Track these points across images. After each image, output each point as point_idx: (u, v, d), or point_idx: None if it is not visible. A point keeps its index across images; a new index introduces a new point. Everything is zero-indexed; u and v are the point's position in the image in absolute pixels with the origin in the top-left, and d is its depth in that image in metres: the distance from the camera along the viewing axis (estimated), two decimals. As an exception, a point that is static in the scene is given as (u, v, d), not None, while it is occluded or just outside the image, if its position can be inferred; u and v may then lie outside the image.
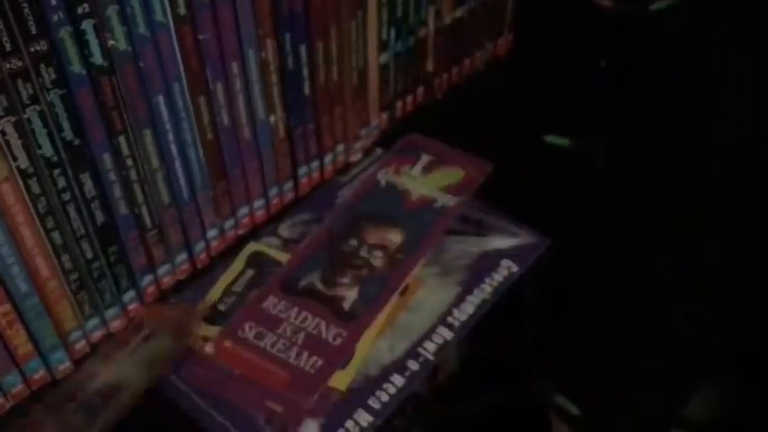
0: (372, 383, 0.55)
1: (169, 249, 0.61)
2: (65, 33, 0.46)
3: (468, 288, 0.61)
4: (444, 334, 0.58)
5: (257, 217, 0.67)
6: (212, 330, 0.58)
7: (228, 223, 0.65)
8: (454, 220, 0.65)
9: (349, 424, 0.53)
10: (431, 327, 0.58)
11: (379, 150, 0.74)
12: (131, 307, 0.60)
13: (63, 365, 0.57)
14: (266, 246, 0.64)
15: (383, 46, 0.70)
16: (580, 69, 0.78)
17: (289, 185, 0.68)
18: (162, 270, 0.61)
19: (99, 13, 0.48)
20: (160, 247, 0.60)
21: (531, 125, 0.77)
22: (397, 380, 0.55)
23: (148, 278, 0.60)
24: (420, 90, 0.77)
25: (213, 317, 0.59)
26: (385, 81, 0.72)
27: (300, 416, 0.53)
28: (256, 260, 0.62)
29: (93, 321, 0.58)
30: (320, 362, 0.55)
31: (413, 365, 0.56)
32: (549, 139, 0.73)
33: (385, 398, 0.54)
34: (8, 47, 0.44)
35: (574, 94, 0.76)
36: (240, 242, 0.65)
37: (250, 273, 0.61)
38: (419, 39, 0.73)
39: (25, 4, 0.44)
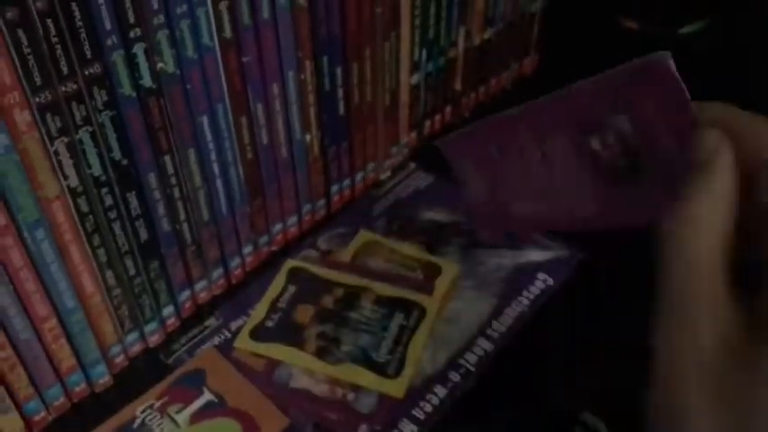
0: (415, 394, 0.56)
1: (206, 265, 0.62)
2: (117, 57, 0.48)
3: (505, 300, 0.62)
4: (484, 345, 0.59)
5: (290, 233, 0.68)
6: (261, 347, 0.59)
7: (263, 239, 0.66)
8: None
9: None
10: (470, 338, 0.60)
11: (412, 165, 0.75)
12: (169, 322, 0.61)
13: (103, 379, 0.58)
14: (304, 261, 0.65)
15: (415, 67, 0.71)
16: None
17: (321, 203, 0.69)
18: (199, 285, 0.62)
19: (150, 37, 0.49)
20: (198, 263, 0.61)
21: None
22: (440, 391, 0.57)
23: (186, 293, 0.61)
24: (448, 109, 0.79)
25: (262, 334, 0.60)
26: (415, 100, 0.73)
27: (357, 423, 0.54)
28: (296, 276, 0.63)
29: (133, 336, 0.59)
30: None
31: (454, 376, 0.57)
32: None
33: (428, 408, 0.56)
34: (65, 70, 0.45)
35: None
36: (273, 258, 0.67)
37: (292, 289, 0.62)
38: (449, 59, 0.74)
39: (82, 29, 0.45)
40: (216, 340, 0.60)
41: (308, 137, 0.64)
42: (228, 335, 0.61)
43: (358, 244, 0.67)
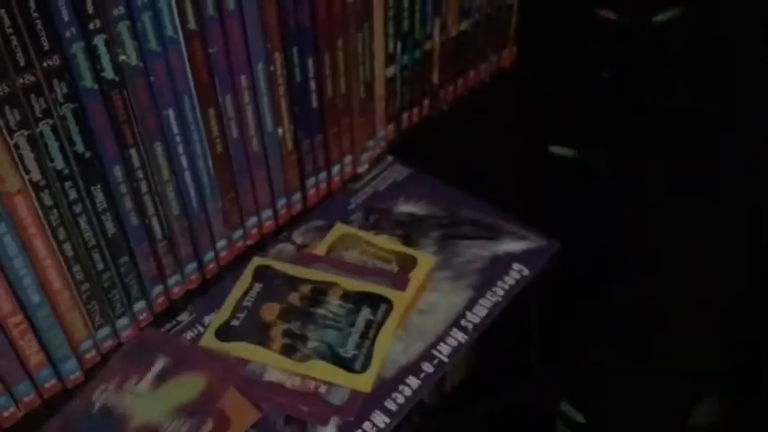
0: (388, 385, 0.56)
1: (179, 260, 0.61)
2: (77, 49, 0.47)
3: (480, 291, 0.62)
4: (458, 336, 0.59)
5: (265, 227, 0.68)
6: (227, 347, 0.58)
7: (237, 234, 0.65)
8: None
9: (366, 425, 0.54)
10: (444, 329, 0.59)
11: (389, 158, 0.74)
12: (142, 317, 0.61)
13: (74, 375, 0.57)
14: (271, 259, 0.64)
15: (390, 59, 0.70)
16: (583, 81, 0.79)
17: (297, 196, 0.69)
18: (172, 280, 0.62)
19: (110, 28, 0.48)
20: (170, 258, 0.61)
21: (535, 136, 0.77)
22: (413, 382, 0.56)
23: (158, 288, 0.61)
24: (426, 102, 0.78)
25: (227, 333, 0.59)
26: (392, 93, 0.73)
27: (328, 415, 0.54)
28: (262, 274, 0.63)
29: (104, 331, 0.58)
30: None
31: (427, 367, 0.57)
32: (554, 149, 0.73)
33: (401, 399, 0.55)
34: (22, 62, 0.45)
35: (577, 105, 0.77)
36: (249, 252, 0.66)
37: (258, 286, 0.62)
38: (425, 51, 0.74)
39: (38, 20, 0.45)
40: (189, 335, 0.60)
41: (280, 130, 0.64)
42: (202, 329, 0.60)
43: (333, 237, 0.67)
